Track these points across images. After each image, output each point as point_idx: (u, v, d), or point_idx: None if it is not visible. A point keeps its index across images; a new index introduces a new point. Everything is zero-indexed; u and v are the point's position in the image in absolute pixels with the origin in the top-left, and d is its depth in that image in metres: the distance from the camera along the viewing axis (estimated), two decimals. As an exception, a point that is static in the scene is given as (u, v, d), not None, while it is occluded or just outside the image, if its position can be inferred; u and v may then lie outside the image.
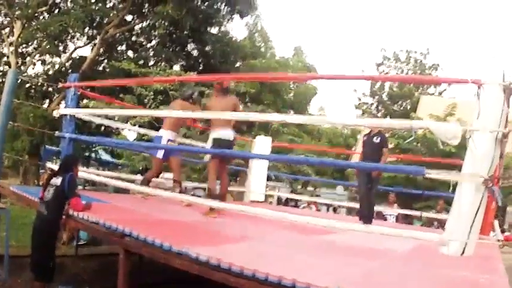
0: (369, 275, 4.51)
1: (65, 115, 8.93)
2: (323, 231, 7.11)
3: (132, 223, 5.63)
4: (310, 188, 28.68)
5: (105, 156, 30.03)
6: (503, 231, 9.33)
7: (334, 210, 21.74)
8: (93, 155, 26.68)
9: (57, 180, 6.44)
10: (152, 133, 11.40)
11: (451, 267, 4.97)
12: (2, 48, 28.94)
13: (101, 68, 27.91)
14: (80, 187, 8.36)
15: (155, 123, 15.27)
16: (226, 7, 26.22)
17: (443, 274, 4.72)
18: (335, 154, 23.82)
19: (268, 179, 14.29)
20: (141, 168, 17.93)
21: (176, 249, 4.77)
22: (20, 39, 25.00)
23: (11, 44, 26.13)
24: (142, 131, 12.89)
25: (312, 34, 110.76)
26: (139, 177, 10.65)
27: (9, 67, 26.21)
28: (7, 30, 27.33)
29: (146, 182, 9.27)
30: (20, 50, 26.56)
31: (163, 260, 4.90)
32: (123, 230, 5.44)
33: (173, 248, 4.80)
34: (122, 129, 18.90)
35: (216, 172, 8.50)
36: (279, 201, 20.57)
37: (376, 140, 9.06)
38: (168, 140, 9.33)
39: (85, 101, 17.82)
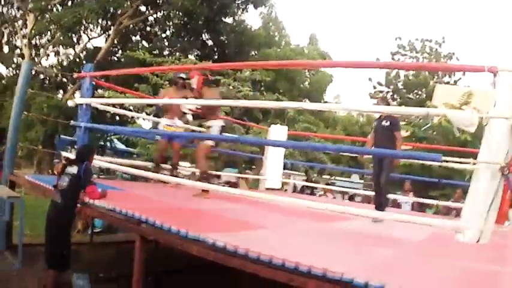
0: (385, 263, 4.44)
1: (81, 105, 8.90)
2: (339, 218, 7.11)
3: (148, 210, 5.59)
4: (325, 176, 28.70)
5: (120, 146, 30.18)
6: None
7: (350, 198, 21.73)
8: (108, 144, 26.80)
9: (72, 169, 6.41)
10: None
11: (467, 256, 4.93)
12: (16, 40, 29.17)
13: (115, 58, 27.92)
14: (94, 175, 8.34)
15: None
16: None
17: (459, 263, 4.66)
18: (350, 142, 23.72)
19: (284, 167, 14.29)
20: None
21: (193, 235, 4.72)
22: (33, 31, 25.10)
23: (24, 36, 26.27)
24: (157, 120, 12.92)
25: (327, 22, 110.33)
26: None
27: (23, 59, 26.41)
28: (20, 22, 27.47)
29: (157, 165, 9.70)
30: (33, 42, 26.67)
31: (180, 246, 4.86)
32: (140, 217, 5.41)
33: (190, 234, 4.75)
34: (137, 118, 18.96)
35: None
36: (295, 189, 20.61)
37: (386, 123, 8.32)
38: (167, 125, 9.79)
39: (100, 91, 17.91)
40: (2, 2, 27.86)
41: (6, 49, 30.31)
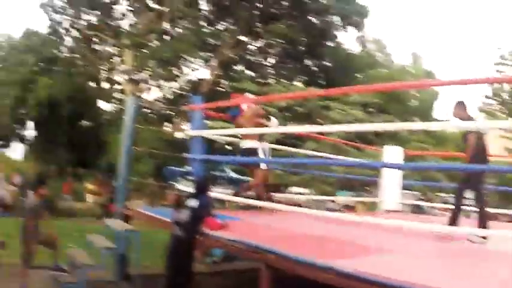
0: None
1: (193, 136, 8.81)
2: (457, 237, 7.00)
3: (270, 239, 5.61)
4: (441, 194, 28.03)
5: (232, 174, 30.34)
6: None
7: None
8: (220, 173, 26.98)
9: (192, 202, 6.46)
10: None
11: None
12: (115, 76, 30.02)
13: (220, 89, 28.18)
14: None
15: (283, 140, 15.32)
16: (339, 20, 25.79)
17: None
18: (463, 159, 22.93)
19: (402, 187, 13.83)
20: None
21: (320, 263, 4.61)
22: (132, 66, 25.64)
23: (123, 71, 26.93)
24: (273, 146, 12.77)
25: (424, 35, 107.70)
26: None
27: (124, 94, 27.08)
28: (117, 58, 28.24)
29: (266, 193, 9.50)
30: (133, 77, 27.29)
31: (307, 274, 4.76)
32: (264, 246, 5.32)
33: (317, 262, 4.64)
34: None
35: None
36: (411, 208, 20.14)
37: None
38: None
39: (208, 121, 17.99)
40: (96, 40, 28.82)
41: (105, 85, 31.37)
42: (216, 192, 9.21)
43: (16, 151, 37.78)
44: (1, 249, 6.83)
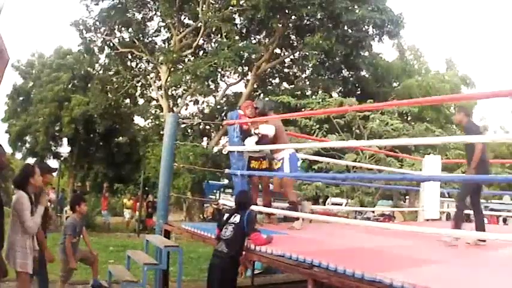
0: None
1: (233, 152, 8.74)
2: (502, 245, 7.02)
3: (317, 253, 5.56)
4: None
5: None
6: None
7: (504, 221, 20.85)
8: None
9: (235, 218, 6.52)
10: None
11: None
12: (150, 92, 30.23)
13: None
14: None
15: (322, 151, 15.19)
16: (374, 29, 25.56)
17: None
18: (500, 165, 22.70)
19: (441, 195, 13.66)
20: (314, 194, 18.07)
21: (369, 276, 4.59)
22: (167, 82, 25.77)
23: (159, 87, 27.11)
24: (311, 157, 12.64)
25: (458, 41, 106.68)
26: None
27: (161, 110, 27.22)
28: (152, 75, 28.43)
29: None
30: (169, 93, 27.41)
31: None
32: (311, 261, 5.32)
33: (366, 275, 4.63)
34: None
35: None
36: (448, 217, 19.98)
37: None
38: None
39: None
40: (130, 57, 29.04)
41: (141, 101, 31.61)
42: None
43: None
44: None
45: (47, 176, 7.47)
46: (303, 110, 18.85)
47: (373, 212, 14.76)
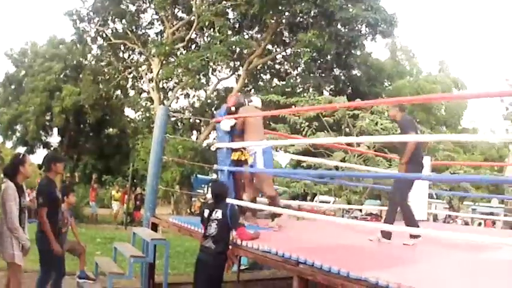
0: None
1: (221, 148, 8.70)
2: (487, 248, 6.97)
3: (303, 250, 5.52)
4: (466, 203, 28.09)
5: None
6: None
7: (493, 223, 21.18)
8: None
9: (217, 214, 6.40)
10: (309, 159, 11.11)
11: None
12: (142, 84, 30.21)
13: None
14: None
15: (311, 149, 15.21)
16: (367, 28, 25.63)
17: None
18: (489, 168, 22.91)
19: (429, 197, 13.74)
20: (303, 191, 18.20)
21: (354, 275, 4.61)
22: (159, 75, 25.76)
23: (150, 80, 27.10)
24: (296, 157, 12.63)
25: (451, 42, 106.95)
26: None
27: (152, 102, 27.22)
28: (144, 67, 28.40)
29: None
30: (160, 86, 27.40)
31: (340, 286, 4.73)
32: (298, 257, 5.31)
33: (351, 274, 4.65)
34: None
35: None
36: (435, 218, 20.11)
37: None
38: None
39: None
40: (123, 48, 29.01)
41: (132, 93, 31.56)
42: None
43: (41, 157, 38.15)
44: (24, 256, 6.76)
45: (57, 166, 7.46)
46: (292, 107, 18.87)
47: (361, 211, 14.81)
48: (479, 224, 18.69)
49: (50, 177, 7.36)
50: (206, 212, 6.57)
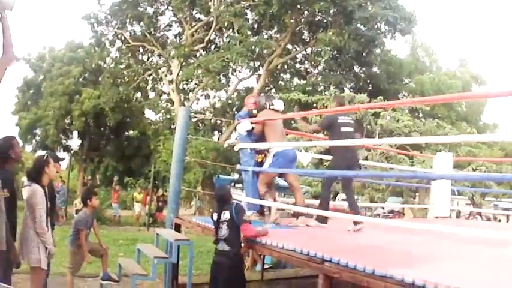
0: None
1: (244, 149, 8.68)
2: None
3: (328, 248, 5.49)
4: (488, 199, 27.91)
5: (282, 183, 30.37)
6: None
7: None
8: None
9: (226, 215, 6.56)
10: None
11: None
12: (162, 86, 30.25)
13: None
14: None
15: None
16: (386, 27, 25.50)
17: None
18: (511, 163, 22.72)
19: (451, 193, 13.64)
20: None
21: (380, 272, 4.57)
22: (179, 76, 25.79)
23: (170, 81, 27.14)
24: (318, 156, 12.62)
25: (471, 39, 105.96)
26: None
27: (172, 104, 27.26)
28: (164, 69, 28.46)
29: None
30: (181, 87, 27.42)
31: (366, 283, 4.69)
32: (323, 255, 5.24)
33: (376, 271, 4.60)
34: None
35: None
36: (458, 214, 19.99)
37: None
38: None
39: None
40: (141, 50, 29.11)
41: (152, 95, 31.67)
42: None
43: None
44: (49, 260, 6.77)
45: (55, 166, 7.44)
46: (314, 105, 18.77)
47: (383, 208, 14.75)
48: (499, 220, 18.50)
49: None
50: (215, 216, 6.66)
